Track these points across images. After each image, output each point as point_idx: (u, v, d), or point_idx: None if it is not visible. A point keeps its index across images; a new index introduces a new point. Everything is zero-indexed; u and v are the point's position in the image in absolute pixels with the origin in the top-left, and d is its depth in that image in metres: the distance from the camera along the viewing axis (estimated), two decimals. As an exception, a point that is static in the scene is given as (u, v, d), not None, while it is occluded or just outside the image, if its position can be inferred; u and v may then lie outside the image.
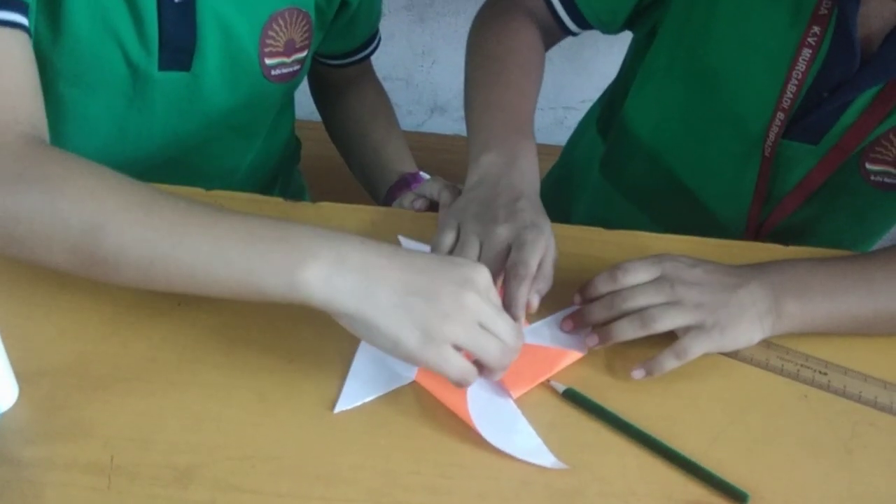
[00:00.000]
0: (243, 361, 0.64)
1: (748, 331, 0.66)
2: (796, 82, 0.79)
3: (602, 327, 0.66)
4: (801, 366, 0.68)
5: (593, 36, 0.95)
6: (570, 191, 1.10)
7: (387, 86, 1.18)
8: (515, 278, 0.63)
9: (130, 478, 0.56)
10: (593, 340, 0.66)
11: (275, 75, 0.86)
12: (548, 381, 0.65)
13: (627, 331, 0.65)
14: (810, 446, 0.63)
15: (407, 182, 0.91)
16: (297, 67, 0.87)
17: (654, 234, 0.81)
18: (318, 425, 0.61)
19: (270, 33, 0.82)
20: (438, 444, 0.60)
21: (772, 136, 0.83)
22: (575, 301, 0.69)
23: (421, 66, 1.49)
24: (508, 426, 0.61)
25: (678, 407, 0.65)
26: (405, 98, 1.53)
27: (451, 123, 1.55)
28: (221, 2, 0.77)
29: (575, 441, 0.61)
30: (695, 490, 0.59)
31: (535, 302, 0.64)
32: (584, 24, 0.89)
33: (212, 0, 0.77)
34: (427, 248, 0.71)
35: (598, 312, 0.67)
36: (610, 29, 0.90)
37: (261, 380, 0.63)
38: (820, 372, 0.68)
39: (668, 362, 0.64)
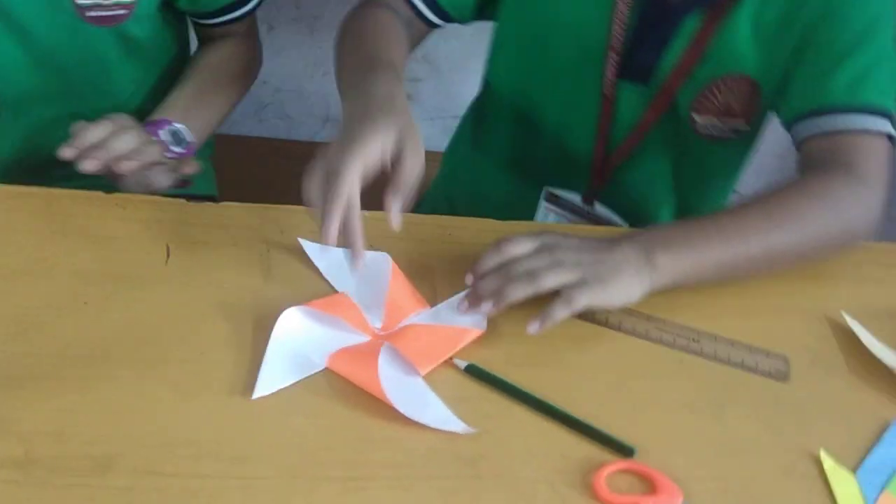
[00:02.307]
0: (154, 356, 0.66)
1: (628, 285, 0.71)
2: (619, 22, 0.88)
3: (495, 293, 0.70)
4: (677, 335, 0.75)
5: (483, 46, 1.01)
6: (454, 185, 1.15)
7: (279, 97, 1.21)
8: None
9: (48, 470, 0.57)
10: (487, 307, 0.70)
11: (91, 16, 0.89)
12: (451, 358, 0.69)
13: (518, 291, 0.69)
14: (687, 405, 0.70)
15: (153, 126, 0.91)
16: (121, 12, 0.90)
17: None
18: (232, 411, 0.63)
19: None
20: (350, 421, 0.64)
21: (609, 75, 0.91)
22: (467, 281, 0.73)
23: (312, 77, 1.52)
24: (420, 400, 0.65)
25: (569, 377, 0.70)
26: (297, 109, 1.55)
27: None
28: None
29: (478, 412, 0.66)
30: (587, 448, 0.65)
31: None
32: (441, 14, 0.94)
33: None
34: (332, 249, 0.74)
35: (490, 283, 0.71)
36: (464, 14, 0.96)
37: (173, 371, 0.65)
38: (693, 340, 0.75)
39: (558, 311, 0.69)
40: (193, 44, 1.07)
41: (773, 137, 0.98)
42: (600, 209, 1.02)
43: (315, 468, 0.60)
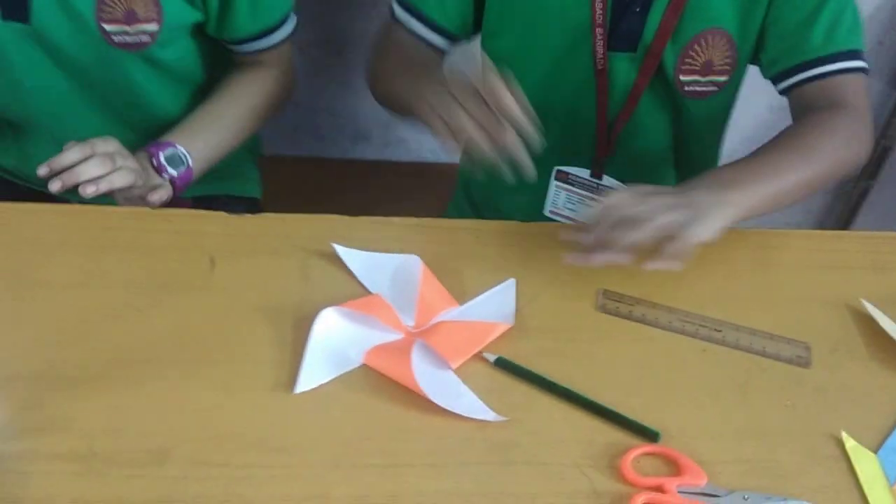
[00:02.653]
0: (201, 356, 0.70)
1: (718, 219, 0.77)
2: (600, 1, 0.93)
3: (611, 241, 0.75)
4: (700, 325, 0.78)
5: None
6: (474, 187, 1.21)
7: (311, 117, 1.24)
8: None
9: (108, 462, 0.62)
10: (605, 256, 0.75)
11: (118, 41, 0.94)
12: (480, 352, 0.73)
13: (637, 234, 0.74)
14: (711, 391, 0.73)
15: (149, 149, 0.95)
16: (145, 39, 0.95)
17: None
18: (276, 405, 0.67)
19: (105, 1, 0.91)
20: (387, 413, 0.67)
21: (599, 50, 0.97)
22: (565, 236, 0.80)
23: (342, 98, 1.57)
24: (452, 392, 0.68)
25: (595, 367, 0.73)
26: (329, 129, 1.60)
27: (373, 152, 1.64)
28: None
29: (508, 402, 0.69)
30: (614, 434, 0.68)
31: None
32: (446, 34, 1.00)
33: None
34: (364, 254, 0.78)
35: (604, 231, 0.76)
36: (463, 31, 1.01)
37: (219, 371, 0.69)
38: (715, 330, 0.78)
39: (680, 245, 0.74)
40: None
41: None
42: (608, 180, 1.06)
43: (355, 457, 0.64)
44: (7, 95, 1.00)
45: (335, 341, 0.71)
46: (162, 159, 0.95)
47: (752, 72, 1.03)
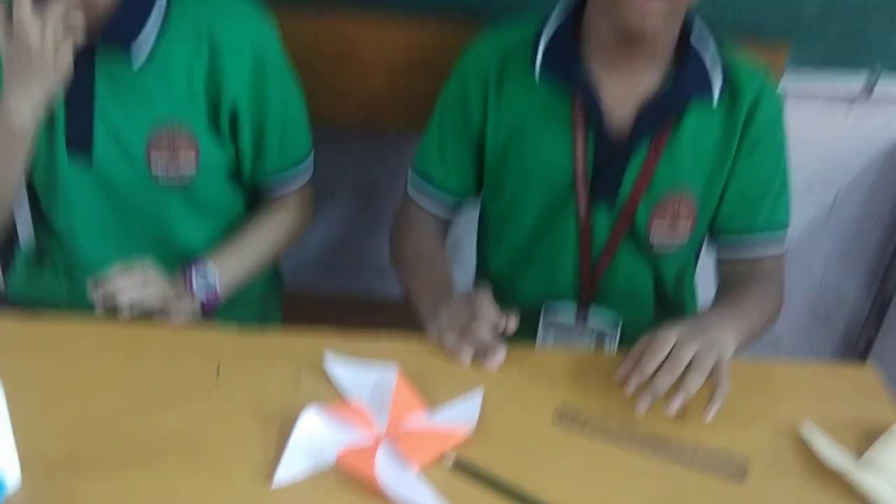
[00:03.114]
0: (198, 450, 0.81)
1: (730, 341, 0.94)
2: (581, 162, 1.09)
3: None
4: (645, 440, 0.86)
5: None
6: None
7: (339, 257, 1.37)
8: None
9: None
10: (677, 402, 0.87)
11: (163, 180, 1.12)
12: (442, 455, 0.82)
13: (696, 380, 0.87)
14: (652, 499, 0.80)
15: (189, 265, 1.11)
16: (186, 179, 1.13)
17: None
18: (255, 497, 0.77)
19: (155, 144, 1.10)
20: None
21: (582, 203, 1.11)
22: (619, 375, 0.92)
23: (367, 241, 1.73)
24: (412, 492, 0.77)
25: (547, 474, 0.81)
26: (355, 268, 1.76)
27: (394, 288, 1.78)
28: (112, 113, 1.08)
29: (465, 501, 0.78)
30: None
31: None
32: (459, 206, 1.21)
33: (105, 111, 1.07)
34: (350, 362, 0.90)
35: (666, 379, 0.87)
36: (473, 195, 1.21)
37: (212, 463, 0.80)
38: (660, 444, 0.86)
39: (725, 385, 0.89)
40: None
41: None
42: (592, 322, 1.17)
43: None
44: (63, 228, 1.18)
45: (314, 441, 0.81)
46: (193, 279, 1.10)
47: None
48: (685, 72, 1.06)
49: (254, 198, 1.28)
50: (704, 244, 1.22)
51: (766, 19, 1.40)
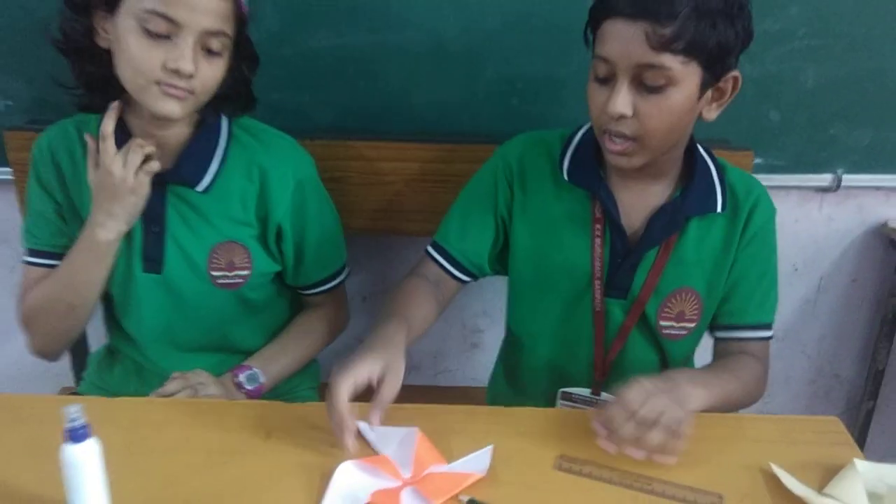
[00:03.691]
0: (252, 501, 0.97)
1: (695, 401, 1.05)
2: (598, 258, 1.23)
3: (633, 442, 1.00)
4: (634, 481, 1.00)
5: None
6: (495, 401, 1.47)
7: None
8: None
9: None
10: (640, 453, 1.00)
11: (220, 283, 1.32)
12: (458, 495, 0.96)
13: (657, 437, 0.98)
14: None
15: (235, 371, 1.31)
16: (239, 281, 1.32)
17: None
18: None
19: (215, 256, 1.30)
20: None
21: (597, 297, 1.26)
22: (600, 433, 1.03)
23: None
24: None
25: (548, 510, 0.96)
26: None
27: (425, 379, 1.93)
28: (181, 233, 1.28)
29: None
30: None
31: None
32: (467, 273, 1.32)
33: (174, 232, 1.27)
34: (380, 427, 1.05)
35: (629, 432, 0.99)
36: (482, 270, 1.33)
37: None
38: (646, 484, 1.00)
39: (680, 444, 1.00)
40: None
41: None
42: (605, 397, 1.31)
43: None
44: (134, 330, 1.37)
45: (349, 486, 0.96)
46: (242, 379, 1.30)
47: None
48: (692, 185, 1.21)
49: (296, 298, 1.47)
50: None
51: (731, 130, 1.60)
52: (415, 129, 1.62)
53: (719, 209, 1.22)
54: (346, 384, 1.01)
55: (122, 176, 1.19)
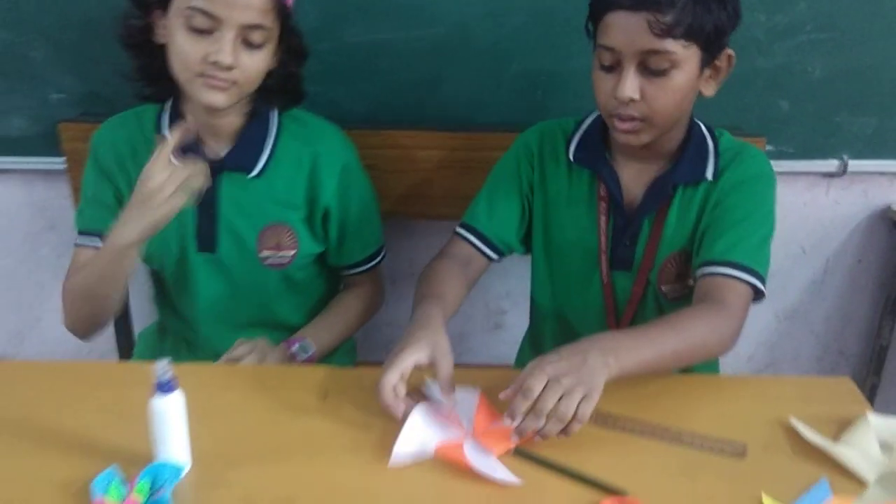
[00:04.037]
0: (324, 446, 1.06)
1: (601, 383, 1.04)
2: (603, 232, 1.33)
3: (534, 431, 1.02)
4: (664, 430, 1.09)
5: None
6: None
7: (398, 333, 1.62)
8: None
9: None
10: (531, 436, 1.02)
11: (268, 262, 1.41)
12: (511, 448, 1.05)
13: (553, 428, 1.01)
14: (667, 470, 1.02)
15: (289, 342, 1.39)
16: (285, 260, 1.42)
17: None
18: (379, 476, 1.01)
19: (263, 237, 1.39)
20: (444, 484, 1.00)
21: (603, 270, 1.36)
22: (505, 422, 1.03)
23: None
24: (489, 466, 1.01)
25: (588, 454, 1.04)
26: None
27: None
28: (233, 215, 1.37)
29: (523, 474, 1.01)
30: (594, 494, 0.98)
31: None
32: (496, 250, 1.40)
33: (226, 214, 1.36)
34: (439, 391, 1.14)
35: (531, 423, 1.01)
36: (511, 247, 1.42)
37: (329, 460, 1.04)
38: (675, 434, 1.09)
39: (576, 426, 1.03)
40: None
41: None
42: None
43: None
44: (187, 308, 1.46)
45: (418, 438, 1.05)
46: (295, 349, 1.38)
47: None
48: (683, 156, 1.30)
49: (335, 278, 1.57)
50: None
51: (743, 119, 1.69)
52: (443, 119, 1.71)
53: (709, 177, 1.29)
54: (391, 378, 1.07)
55: (159, 184, 1.17)
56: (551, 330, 1.49)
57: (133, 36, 1.30)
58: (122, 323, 1.83)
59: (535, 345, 1.56)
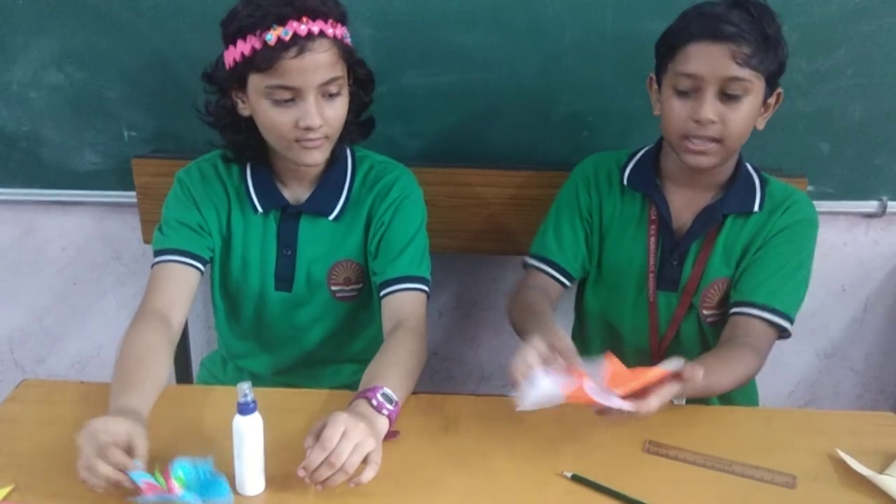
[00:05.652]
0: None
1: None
2: (652, 254, 1.42)
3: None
4: (716, 462, 1.14)
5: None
6: None
7: (446, 364, 1.67)
8: None
9: None
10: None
11: (338, 296, 1.48)
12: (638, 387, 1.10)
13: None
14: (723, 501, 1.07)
15: (366, 395, 1.17)
16: (354, 293, 1.49)
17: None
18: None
19: (334, 273, 1.46)
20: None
21: (650, 289, 1.45)
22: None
23: (470, 349, 2.05)
24: (609, 399, 1.07)
25: (643, 482, 1.09)
26: (460, 373, 2.07)
27: (495, 389, 2.08)
28: (309, 256, 1.44)
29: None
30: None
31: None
32: (568, 277, 1.50)
33: (304, 254, 1.43)
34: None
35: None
36: (586, 269, 1.52)
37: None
38: (727, 465, 1.13)
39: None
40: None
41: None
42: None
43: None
44: (263, 342, 1.53)
45: (547, 385, 1.08)
46: (379, 398, 1.16)
47: (801, 320, 1.39)
48: (733, 187, 1.41)
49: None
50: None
51: (786, 160, 1.75)
52: (495, 158, 1.79)
53: (756, 209, 1.40)
54: (526, 353, 1.12)
55: (86, 459, 1.02)
56: (598, 330, 1.58)
57: (222, 118, 1.38)
58: (181, 348, 1.90)
59: (583, 340, 1.61)
